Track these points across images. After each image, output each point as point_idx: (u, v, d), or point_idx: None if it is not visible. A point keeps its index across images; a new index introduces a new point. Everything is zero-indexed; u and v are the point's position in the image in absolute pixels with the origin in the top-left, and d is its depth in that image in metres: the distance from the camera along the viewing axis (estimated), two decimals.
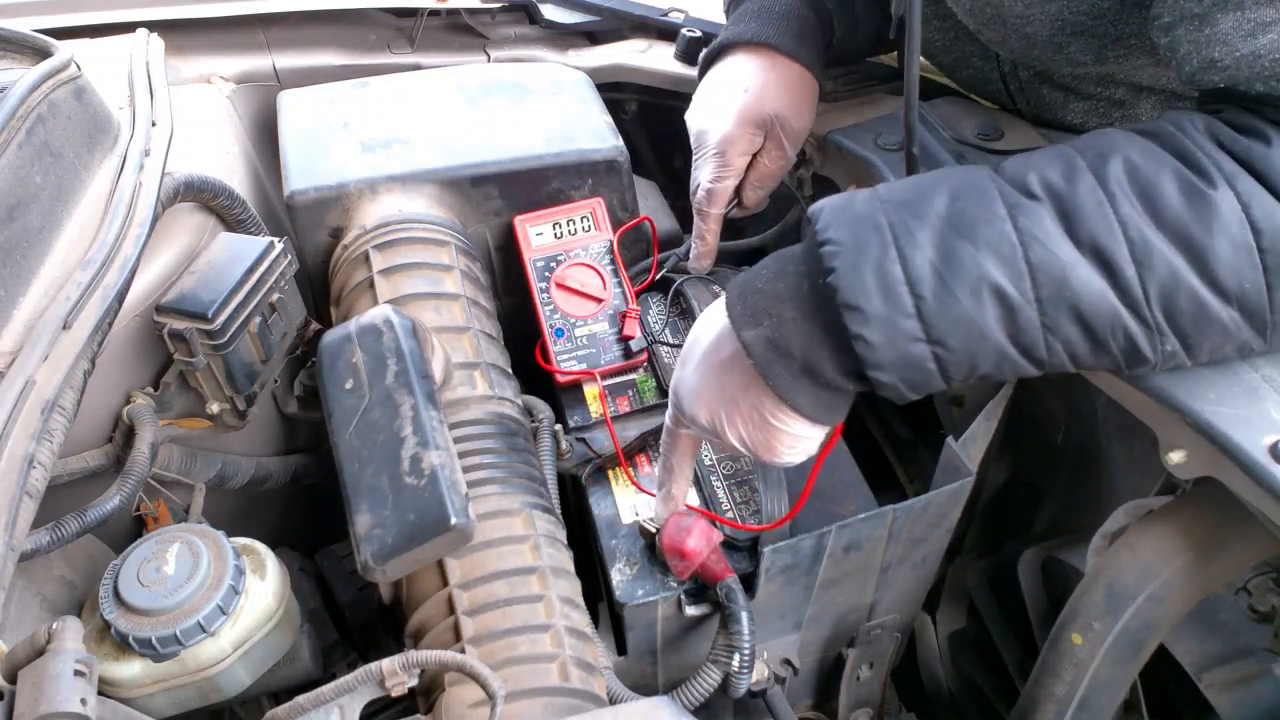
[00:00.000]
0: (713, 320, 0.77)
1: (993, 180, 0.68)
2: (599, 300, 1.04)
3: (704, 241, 1.06)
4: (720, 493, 0.94)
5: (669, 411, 0.83)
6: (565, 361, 1.02)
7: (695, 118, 1.03)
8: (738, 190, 1.05)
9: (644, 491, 0.95)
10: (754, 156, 1.02)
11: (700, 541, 0.85)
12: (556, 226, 1.07)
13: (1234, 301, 0.64)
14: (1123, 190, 0.64)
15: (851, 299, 0.65)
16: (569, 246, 1.06)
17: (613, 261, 1.06)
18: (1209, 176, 0.63)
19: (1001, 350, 0.67)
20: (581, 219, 1.07)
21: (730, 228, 1.26)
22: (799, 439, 0.75)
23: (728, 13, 1.13)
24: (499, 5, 1.42)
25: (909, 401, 0.71)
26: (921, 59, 0.91)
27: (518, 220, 1.06)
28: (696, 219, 1.05)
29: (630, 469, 0.97)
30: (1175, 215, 0.63)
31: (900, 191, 0.70)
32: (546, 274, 1.05)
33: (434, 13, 1.41)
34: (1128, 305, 0.64)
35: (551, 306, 1.04)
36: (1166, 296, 0.64)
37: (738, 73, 1.02)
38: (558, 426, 0.96)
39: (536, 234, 1.06)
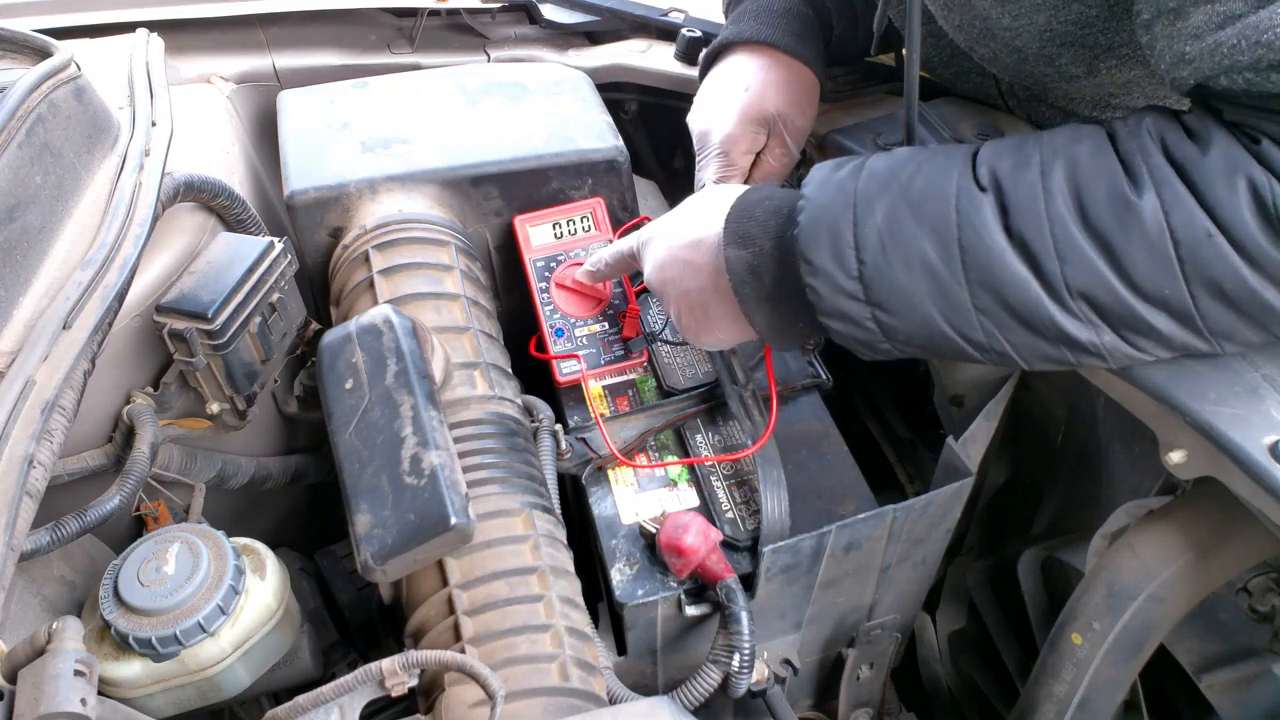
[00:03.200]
0: (706, 215, 0.83)
1: (961, 162, 0.72)
2: (599, 300, 1.04)
3: None
4: (720, 493, 0.94)
5: (633, 240, 0.93)
6: (565, 361, 1.02)
7: (697, 119, 1.04)
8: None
9: (632, 463, 0.95)
10: (758, 155, 1.03)
11: (697, 539, 0.85)
12: (556, 227, 1.07)
13: (1160, 307, 0.66)
14: (1059, 188, 0.67)
15: (805, 251, 0.73)
16: (569, 246, 1.06)
17: None
18: (1139, 181, 0.65)
19: (934, 325, 0.71)
20: (581, 219, 1.07)
21: None
22: (722, 340, 0.87)
23: (727, 13, 1.13)
24: (499, 5, 1.42)
25: (871, 359, 0.77)
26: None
27: (518, 220, 1.06)
28: None
29: (631, 468, 0.97)
30: (1099, 218, 0.65)
31: (882, 162, 0.75)
32: (546, 274, 1.05)
33: (434, 13, 1.41)
34: (1051, 295, 0.67)
35: (551, 306, 1.04)
36: (1088, 291, 0.66)
37: (738, 72, 1.03)
38: (558, 426, 0.96)
39: (537, 234, 1.06)
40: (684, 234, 0.85)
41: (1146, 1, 0.69)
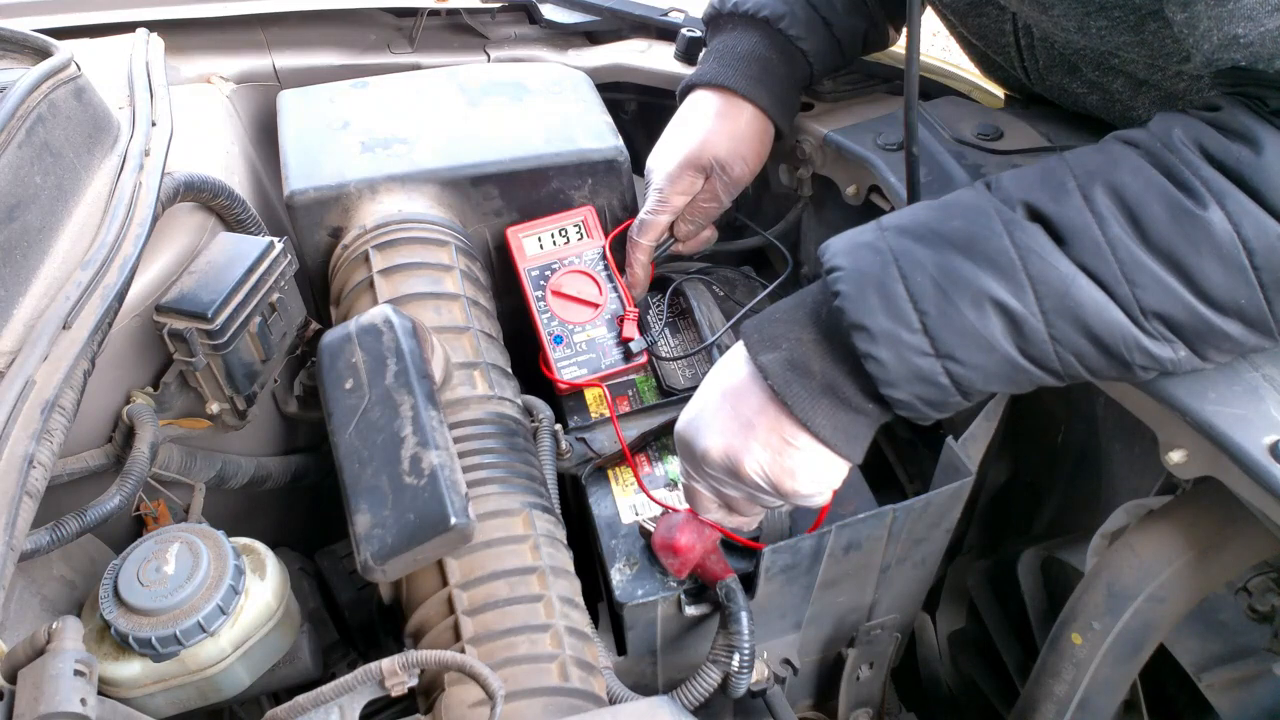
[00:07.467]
0: (723, 361, 0.78)
1: (987, 198, 0.69)
2: (595, 306, 1.04)
3: (631, 270, 1.08)
4: None
5: (679, 466, 0.83)
6: (566, 368, 1.02)
7: (653, 152, 1.08)
8: (674, 223, 1.08)
9: (645, 491, 0.95)
10: (695, 197, 1.06)
11: (691, 538, 0.85)
12: (550, 236, 1.07)
13: (1234, 316, 0.65)
14: (1110, 212, 0.65)
15: (858, 318, 0.67)
16: (562, 255, 1.06)
17: (607, 267, 1.06)
18: (1198, 196, 0.63)
19: (1013, 362, 0.68)
20: (574, 226, 1.07)
21: (730, 227, 1.26)
22: (819, 468, 0.74)
23: (705, 39, 1.15)
24: (499, 5, 1.42)
25: (934, 420, 0.72)
26: (924, 59, 0.89)
27: (510, 231, 1.06)
28: (628, 246, 1.08)
29: (634, 468, 0.97)
30: (1163, 236, 0.64)
31: (900, 217, 0.72)
32: (542, 283, 1.05)
33: (434, 13, 1.41)
34: (1130, 317, 0.65)
35: (549, 314, 1.04)
36: (1163, 311, 0.65)
37: (694, 115, 1.06)
38: (558, 426, 0.96)
39: (530, 244, 1.06)
40: (707, 383, 0.78)
41: None
